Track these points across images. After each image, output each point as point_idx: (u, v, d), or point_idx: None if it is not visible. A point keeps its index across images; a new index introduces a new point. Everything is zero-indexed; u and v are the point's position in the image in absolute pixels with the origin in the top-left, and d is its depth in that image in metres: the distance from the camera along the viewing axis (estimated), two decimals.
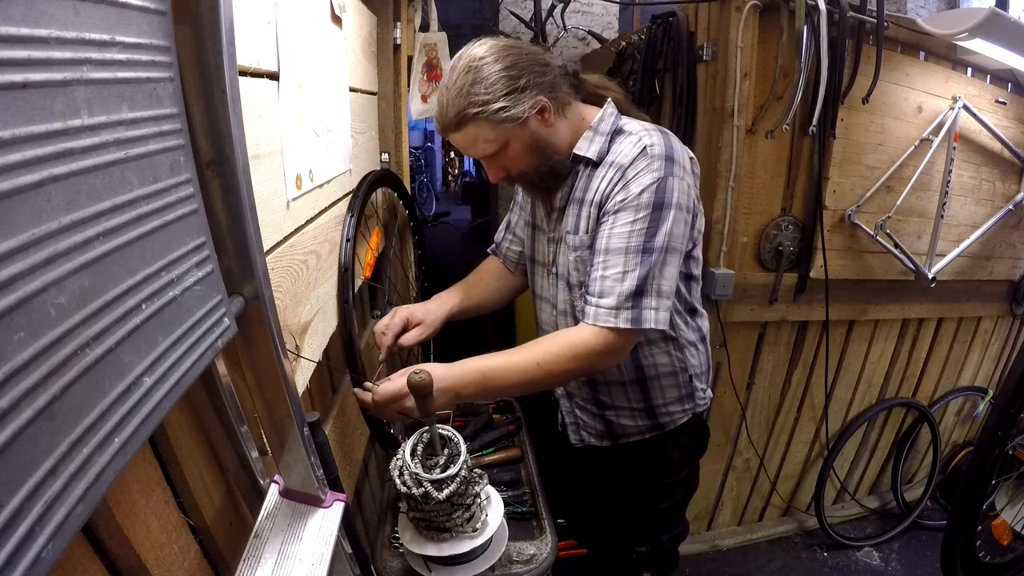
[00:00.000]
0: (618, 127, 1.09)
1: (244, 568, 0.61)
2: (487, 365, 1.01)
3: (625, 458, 1.28)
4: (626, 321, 0.99)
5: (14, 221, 0.30)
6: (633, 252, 0.99)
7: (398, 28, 1.59)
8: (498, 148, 1.02)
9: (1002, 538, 2.14)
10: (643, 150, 1.02)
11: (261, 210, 0.62)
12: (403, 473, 0.93)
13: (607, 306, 0.99)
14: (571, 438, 1.33)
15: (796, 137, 1.75)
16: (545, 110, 1.02)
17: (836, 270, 1.85)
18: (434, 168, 9.63)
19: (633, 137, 1.05)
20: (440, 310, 1.27)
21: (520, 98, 0.98)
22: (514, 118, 0.99)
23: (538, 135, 1.03)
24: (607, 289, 1.00)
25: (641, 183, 0.99)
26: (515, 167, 1.07)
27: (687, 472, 1.32)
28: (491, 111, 0.97)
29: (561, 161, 1.08)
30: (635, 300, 0.99)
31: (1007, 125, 2.00)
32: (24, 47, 0.31)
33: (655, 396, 1.20)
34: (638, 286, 0.99)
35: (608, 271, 1.00)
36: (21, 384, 0.30)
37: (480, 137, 1.01)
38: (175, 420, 0.58)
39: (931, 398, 2.40)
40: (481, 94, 0.96)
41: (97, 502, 0.36)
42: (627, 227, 0.99)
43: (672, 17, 1.78)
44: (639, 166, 1.00)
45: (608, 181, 1.03)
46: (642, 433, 1.24)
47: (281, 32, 0.78)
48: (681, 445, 1.28)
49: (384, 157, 1.63)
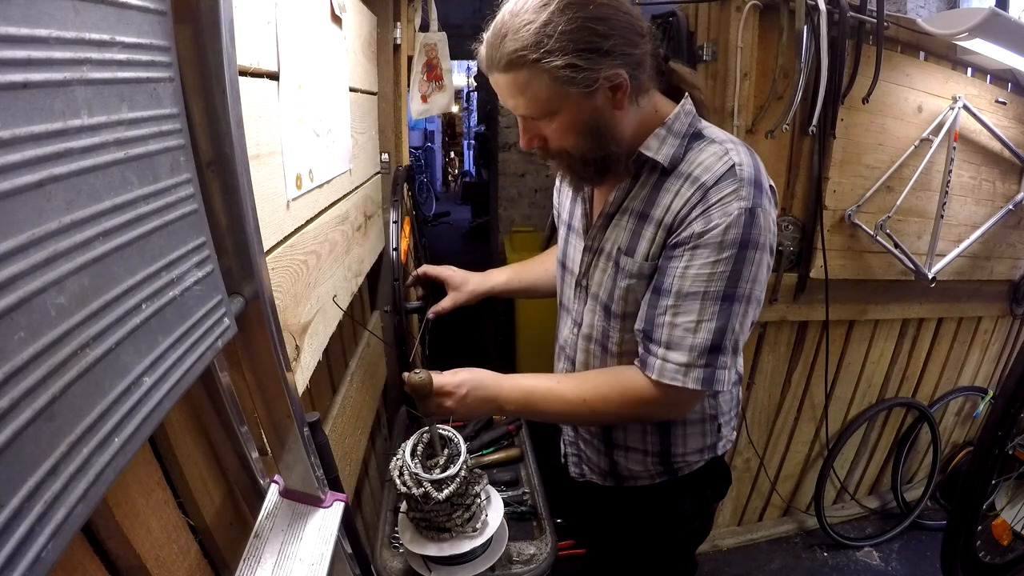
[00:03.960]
0: (696, 129, 0.91)
1: (244, 568, 0.61)
2: (534, 386, 0.94)
3: (630, 503, 1.12)
4: (696, 382, 0.85)
5: (14, 221, 0.30)
6: (712, 299, 0.83)
7: (398, 28, 1.59)
8: (546, 112, 0.84)
9: (1002, 538, 2.14)
10: (731, 168, 0.83)
11: (261, 210, 0.62)
12: (403, 473, 0.93)
13: (676, 362, 0.85)
14: (571, 470, 1.20)
15: (796, 137, 1.75)
16: (621, 88, 0.82)
17: (836, 270, 1.84)
18: (434, 168, 9.64)
19: (718, 148, 0.86)
20: (482, 284, 1.24)
21: (599, 63, 0.78)
22: (581, 83, 0.79)
23: (601, 116, 0.84)
24: (676, 340, 0.85)
25: (726, 213, 0.81)
26: (557, 142, 0.88)
27: (700, 521, 1.15)
28: (556, 65, 0.77)
29: (617, 155, 0.89)
30: (709, 357, 0.85)
31: (1007, 125, 2.00)
32: (24, 47, 0.31)
33: (675, 444, 1.04)
34: (714, 341, 0.84)
35: (679, 318, 0.85)
36: (21, 384, 0.30)
37: (530, 91, 0.81)
38: (175, 420, 0.58)
39: (931, 398, 2.40)
40: (553, 38, 0.76)
41: (97, 502, 0.36)
42: (707, 268, 0.83)
43: (672, 17, 1.78)
44: (725, 189, 0.82)
45: (684, 200, 0.85)
46: (652, 478, 1.08)
47: (281, 32, 0.78)
48: (696, 492, 1.10)
49: (384, 157, 1.63)
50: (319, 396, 1.13)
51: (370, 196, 1.48)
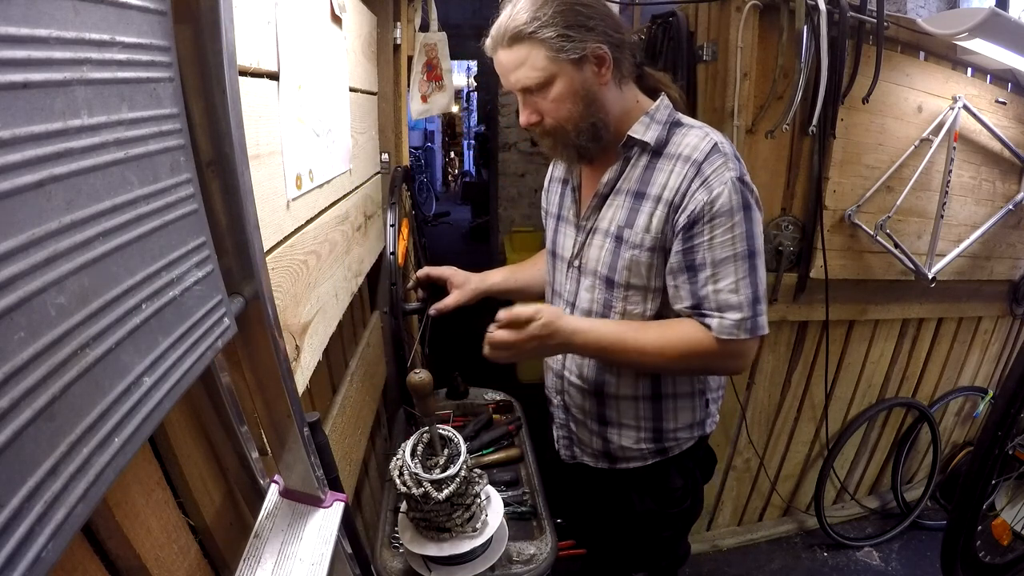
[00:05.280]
0: (675, 119, 1.05)
1: (244, 568, 0.61)
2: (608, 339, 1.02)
3: (623, 484, 1.20)
4: (747, 331, 0.98)
5: (14, 221, 0.30)
6: (741, 259, 0.97)
7: (398, 28, 1.59)
8: (542, 81, 0.97)
9: (1002, 538, 2.14)
10: (715, 146, 0.98)
11: (261, 210, 0.62)
12: (403, 473, 0.93)
13: (733, 319, 0.97)
14: (562, 453, 1.27)
15: (796, 137, 1.75)
16: (604, 63, 0.97)
17: (836, 270, 1.84)
18: (434, 168, 9.63)
19: (698, 131, 1.02)
20: (481, 283, 1.30)
21: (585, 36, 0.94)
22: (571, 51, 0.94)
23: (588, 84, 0.98)
24: (724, 303, 0.98)
25: (722, 181, 0.95)
26: (553, 112, 1.00)
27: (691, 501, 1.23)
28: (550, 35, 0.93)
29: (605, 124, 1.02)
30: (753, 308, 0.98)
31: (1007, 125, 2.00)
32: (24, 47, 0.31)
33: (667, 419, 1.13)
34: (753, 293, 0.98)
35: (720, 283, 0.97)
36: (21, 384, 0.30)
37: (528, 61, 0.96)
38: (175, 420, 0.58)
39: (931, 398, 2.40)
40: (547, 15, 0.93)
41: (97, 502, 0.36)
42: (728, 234, 0.96)
43: (672, 17, 1.78)
44: (716, 162, 0.96)
45: (681, 177, 0.98)
46: (644, 458, 1.16)
47: (281, 32, 0.78)
48: (686, 471, 1.19)
49: (384, 157, 1.63)
50: (319, 396, 1.13)
51: (370, 196, 1.48)
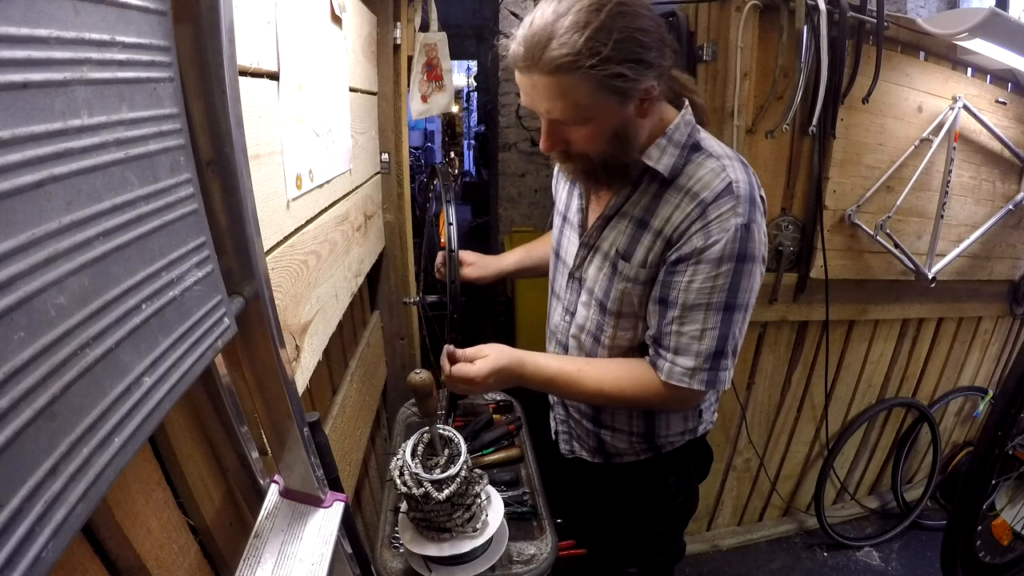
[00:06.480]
0: (695, 141, 0.94)
1: (244, 568, 0.61)
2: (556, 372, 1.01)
3: (618, 479, 1.20)
4: (701, 383, 0.93)
5: (14, 221, 0.30)
6: (714, 310, 0.90)
7: (398, 28, 1.59)
8: (581, 119, 0.84)
9: (1002, 538, 2.14)
10: (728, 186, 0.87)
11: (261, 210, 0.62)
12: (403, 473, 0.93)
13: (684, 366, 0.93)
14: (561, 447, 1.27)
15: (796, 137, 1.75)
16: (649, 98, 0.84)
17: (836, 270, 1.84)
18: None
19: (715, 163, 0.90)
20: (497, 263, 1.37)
21: (642, 74, 0.80)
22: (623, 92, 0.80)
23: (630, 124, 0.86)
24: (683, 347, 0.93)
25: (724, 229, 0.86)
26: (582, 147, 0.89)
27: (684, 497, 1.22)
28: (608, 73, 0.77)
29: (634, 161, 0.93)
30: (713, 361, 0.92)
31: (1007, 125, 2.00)
32: (24, 47, 0.31)
33: (659, 426, 1.12)
34: (717, 347, 0.91)
35: (685, 327, 0.92)
36: (21, 384, 0.30)
37: (571, 96, 0.80)
38: (175, 420, 0.58)
39: (931, 398, 2.40)
40: (606, 48, 0.75)
41: (97, 502, 0.36)
42: (709, 282, 0.89)
43: (672, 17, 1.78)
44: (723, 207, 0.87)
45: (684, 215, 0.90)
46: (637, 455, 1.16)
47: (281, 32, 0.78)
48: (679, 468, 1.19)
49: (384, 157, 1.63)
50: (319, 396, 1.13)
51: (370, 196, 1.48)
